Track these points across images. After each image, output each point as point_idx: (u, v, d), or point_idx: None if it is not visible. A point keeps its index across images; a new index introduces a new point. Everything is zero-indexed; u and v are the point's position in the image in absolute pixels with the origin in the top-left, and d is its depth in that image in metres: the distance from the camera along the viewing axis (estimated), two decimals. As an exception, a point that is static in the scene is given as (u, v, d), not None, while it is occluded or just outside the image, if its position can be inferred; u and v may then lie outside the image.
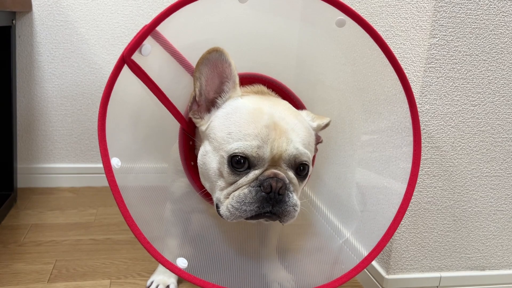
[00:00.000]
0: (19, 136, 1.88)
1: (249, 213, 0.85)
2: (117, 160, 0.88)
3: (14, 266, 1.32)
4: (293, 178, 0.89)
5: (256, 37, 1.06)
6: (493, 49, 1.13)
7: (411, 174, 0.96)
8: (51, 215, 1.68)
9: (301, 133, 0.90)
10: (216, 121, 0.93)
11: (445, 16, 1.08)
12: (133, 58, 0.86)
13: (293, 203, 0.87)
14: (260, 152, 0.85)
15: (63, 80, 1.87)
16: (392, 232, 0.95)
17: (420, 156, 0.96)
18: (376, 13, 1.31)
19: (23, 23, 1.80)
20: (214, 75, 0.94)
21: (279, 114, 0.90)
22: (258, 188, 0.85)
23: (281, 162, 0.87)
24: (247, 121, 0.88)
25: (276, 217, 0.87)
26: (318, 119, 1.00)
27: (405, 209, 0.95)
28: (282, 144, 0.86)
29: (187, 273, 0.89)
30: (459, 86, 1.14)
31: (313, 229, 1.20)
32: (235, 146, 0.86)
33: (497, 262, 1.33)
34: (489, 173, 1.24)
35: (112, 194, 0.85)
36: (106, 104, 0.85)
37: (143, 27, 0.85)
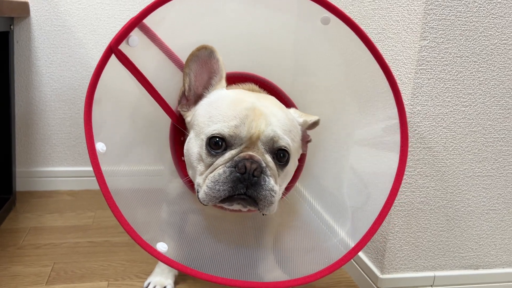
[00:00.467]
0: (18, 140, 1.89)
1: (222, 193, 0.85)
2: (102, 145, 0.90)
3: (12, 268, 1.33)
4: (270, 162, 0.89)
5: (252, 38, 1.08)
6: (483, 51, 1.15)
7: (397, 172, 0.98)
8: (50, 218, 1.69)
9: (282, 120, 0.92)
10: (200, 109, 0.97)
11: (435, 19, 1.09)
12: (123, 51, 0.90)
13: (270, 188, 0.86)
14: (237, 130, 0.87)
15: (61, 84, 1.89)
16: (377, 226, 0.96)
17: (406, 153, 0.98)
18: (368, 15, 1.33)
19: (21, 29, 1.82)
20: (203, 70, 0.98)
21: (262, 103, 0.93)
22: (233, 169, 0.85)
23: (259, 143, 0.88)
24: (227, 105, 0.91)
25: (252, 201, 0.86)
26: (305, 116, 1.02)
27: (391, 203, 0.97)
28: (260, 124, 0.88)
29: (166, 257, 0.90)
30: (450, 88, 1.16)
31: (308, 228, 1.21)
32: (213, 128, 0.88)
33: (491, 261, 1.34)
34: (481, 173, 1.25)
35: (96, 179, 0.87)
36: (93, 91, 0.88)
37: (131, 19, 0.88)
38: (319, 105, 1.14)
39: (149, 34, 0.94)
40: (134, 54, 0.93)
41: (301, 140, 1.03)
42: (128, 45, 0.91)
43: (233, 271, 1.00)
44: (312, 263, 1.00)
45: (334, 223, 1.09)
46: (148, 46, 0.95)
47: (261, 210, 0.88)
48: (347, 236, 1.03)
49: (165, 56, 0.99)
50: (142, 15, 0.89)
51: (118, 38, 0.89)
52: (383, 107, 1.02)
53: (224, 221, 1.14)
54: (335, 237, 1.06)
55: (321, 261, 0.98)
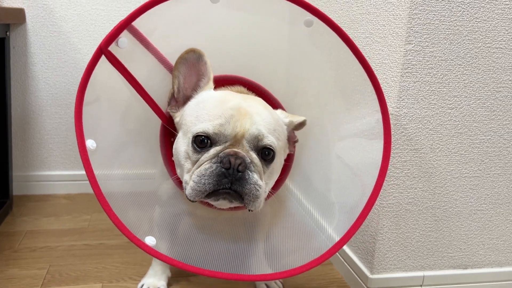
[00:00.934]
0: (15, 145, 1.92)
1: (208, 186, 0.87)
2: (92, 142, 0.93)
3: (8, 271, 1.35)
4: (255, 159, 0.91)
5: (241, 42, 1.11)
6: (468, 54, 1.17)
7: (381, 169, 1.01)
8: (46, 221, 1.71)
9: (267, 119, 0.95)
10: (187, 109, 1.00)
11: (420, 23, 1.12)
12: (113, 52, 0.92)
13: (254, 182, 0.89)
14: (222, 129, 0.90)
15: (57, 89, 1.91)
16: (362, 220, 0.99)
17: (389, 152, 1.01)
18: (357, 20, 1.35)
19: (17, 35, 1.84)
20: (191, 73, 1.02)
21: (248, 103, 0.96)
22: (218, 164, 0.88)
23: (244, 141, 0.91)
24: (213, 105, 0.95)
25: (237, 195, 0.89)
26: (291, 117, 1.04)
27: (374, 198, 1.00)
28: (245, 123, 0.91)
29: (154, 249, 0.93)
30: (435, 90, 1.18)
31: (300, 230, 1.23)
32: (199, 126, 0.91)
33: (479, 260, 1.36)
34: (468, 174, 1.27)
35: (85, 171, 0.90)
36: (83, 91, 0.91)
37: (121, 21, 0.91)
38: (307, 107, 1.16)
39: (138, 36, 0.97)
40: (125, 57, 0.95)
41: (288, 140, 1.05)
42: (118, 46, 0.94)
43: (222, 266, 1.02)
44: (300, 259, 1.02)
45: (322, 220, 1.11)
46: (139, 48, 0.98)
47: (247, 205, 0.90)
48: (334, 232, 1.05)
49: (155, 59, 1.02)
50: (132, 17, 0.92)
51: (108, 40, 0.92)
52: (370, 106, 1.04)
53: (216, 222, 1.16)
54: (323, 233, 1.08)
55: (309, 256, 1.00)
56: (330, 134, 1.14)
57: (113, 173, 1.04)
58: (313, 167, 1.19)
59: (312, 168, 1.19)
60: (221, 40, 1.09)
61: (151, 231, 1.01)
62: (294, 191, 1.24)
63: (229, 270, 0.99)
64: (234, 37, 1.11)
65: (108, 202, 0.92)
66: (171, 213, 1.16)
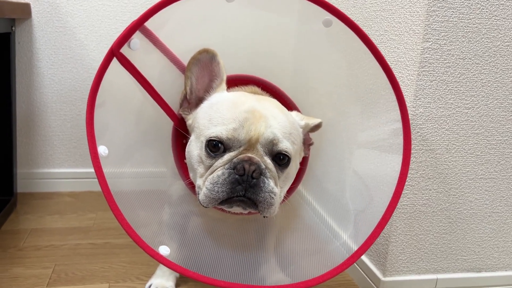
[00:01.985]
0: (19, 141, 1.89)
1: (221, 194, 0.85)
2: (104, 148, 0.90)
3: (13, 270, 1.33)
4: (270, 164, 0.88)
5: (253, 41, 1.08)
6: (486, 53, 1.14)
7: (400, 175, 0.98)
8: (50, 219, 1.69)
9: (282, 122, 0.91)
10: (200, 112, 0.97)
11: (438, 20, 1.09)
12: (125, 54, 0.90)
13: (269, 190, 0.86)
14: (236, 133, 0.87)
15: (62, 85, 1.89)
16: (381, 229, 0.96)
17: (409, 157, 0.98)
18: (371, 17, 1.33)
19: (22, 30, 1.82)
20: (204, 74, 0.99)
21: (262, 105, 0.92)
22: (232, 171, 0.85)
23: (258, 146, 0.88)
24: (227, 108, 0.91)
25: (251, 203, 0.86)
26: (307, 119, 1.01)
27: (393, 207, 0.97)
28: (259, 127, 0.87)
29: (168, 260, 0.90)
30: (452, 89, 1.15)
31: (310, 232, 1.21)
32: (212, 131, 0.88)
33: (493, 264, 1.34)
34: (484, 175, 1.25)
35: (98, 182, 0.87)
36: (95, 94, 0.88)
37: (132, 22, 0.88)
38: (321, 108, 1.14)
39: (151, 37, 0.94)
40: (136, 57, 0.93)
41: (303, 143, 1.03)
42: (130, 48, 0.91)
43: (234, 274, 1.00)
44: (314, 267, 0.99)
45: (337, 226, 1.08)
46: (150, 49, 0.95)
47: (261, 212, 0.88)
48: (349, 239, 1.02)
49: (167, 59, 0.99)
50: (144, 18, 0.89)
51: (120, 41, 0.89)
52: (386, 109, 1.02)
53: (226, 223, 1.14)
54: (338, 240, 1.05)
55: (324, 265, 0.97)
56: (345, 137, 1.11)
57: (124, 173, 1.02)
58: (327, 170, 1.16)
59: (326, 171, 1.17)
60: (232, 39, 1.07)
61: (164, 238, 0.99)
62: (306, 195, 1.21)
63: (242, 278, 0.97)
64: (246, 36, 1.08)
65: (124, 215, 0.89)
66: (181, 214, 1.14)
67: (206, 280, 0.90)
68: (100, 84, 0.89)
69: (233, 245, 1.12)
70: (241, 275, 1.02)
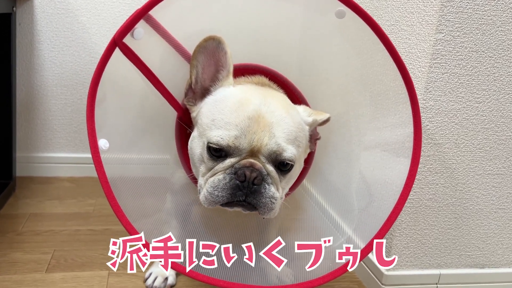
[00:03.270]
0: (19, 125, 1.86)
1: (221, 199, 0.84)
2: (105, 141, 0.89)
3: (12, 255, 1.31)
4: (272, 171, 0.87)
5: (259, 29, 1.04)
6: (500, 46, 1.12)
7: (409, 174, 0.95)
8: (50, 204, 1.67)
9: (287, 128, 0.88)
10: (204, 108, 0.94)
11: (452, 11, 1.06)
12: (127, 43, 0.87)
13: (270, 195, 0.85)
14: (237, 142, 0.84)
15: (64, 69, 1.86)
16: (388, 228, 0.94)
17: (419, 156, 0.95)
18: (381, 7, 1.29)
19: (23, 11, 1.78)
20: (210, 63, 0.94)
21: (267, 106, 0.88)
22: (233, 176, 0.84)
23: (260, 155, 0.86)
24: (231, 109, 0.88)
25: (252, 207, 0.86)
26: (315, 114, 0.98)
27: (401, 206, 0.95)
28: (263, 138, 0.85)
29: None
30: (464, 83, 1.13)
31: (313, 223, 1.20)
32: (214, 134, 0.86)
33: (497, 260, 1.33)
34: (492, 171, 1.23)
35: (96, 171, 0.86)
36: (96, 85, 0.86)
37: (136, 11, 0.85)
38: (329, 98, 1.11)
39: (154, 25, 0.90)
40: (140, 46, 0.90)
41: (310, 138, 1.00)
42: (133, 38, 0.88)
43: (235, 267, 0.98)
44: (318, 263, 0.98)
45: (341, 221, 1.07)
46: (154, 37, 0.92)
47: (261, 214, 0.87)
48: (354, 235, 1.01)
49: (171, 48, 0.96)
50: (148, 6, 0.86)
51: (123, 31, 0.86)
52: (396, 105, 0.99)
53: (227, 214, 1.12)
54: (342, 236, 1.04)
55: (328, 260, 0.95)
56: (354, 129, 1.09)
57: (126, 160, 1.01)
58: (333, 164, 1.14)
59: (332, 165, 1.15)
60: (237, 26, 1.03)
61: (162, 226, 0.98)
62: (310, 189, 1.19)
63: (244, 271, 0.95)
64: (252, 23, 1.05)
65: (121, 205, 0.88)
66: (183, 202, 1.12)
67: (206, 279, 0.89)
68: (102, 76, 0.86)
69: (234, 235, 1.10)
70: (242, 268, 1.01)
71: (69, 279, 1.23)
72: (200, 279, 0.89)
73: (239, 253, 1.06)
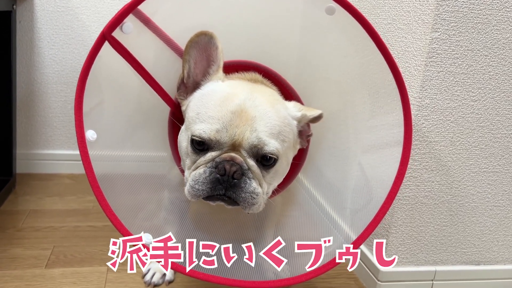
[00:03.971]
0: (19, 122, 1.88)
1: (201, 192, 0.85)
2: (92, 133, 0.89)
3: (12, 251, 1.33)
4: (253, 166, 0.87)
5: (257, 25, 1.05)
6: (495, 45, 1.13)
7: (398, 170, 0.97)
8: (49, 201, 1.68)
9: (270, 122, 0.88)
10: (192, 101, 0.95)
11: (448, 10, 1.07)
12: (119, 37, 0.88)
13: (251, 190, 0.86)
14: (218, 136, 0.85)
15: (63, 66, 1.87)
16: (377, 222, 0.96)
17: (408, 155, 0.96)
18: (378, 5, 1.30)
19: (23, 8, 1.79)
20: (202, 57, 0.96)
21: (252, 101, 0.88)
22: (213, 170, 0.85)
23: (241, 149, 0.86)
24: (215, 103, 0.89)
25: (232, 201, 0.86)
26: (305, 110, 0.97)
27: (391, 201, 0.96)
28: (244, 131, 0.85)
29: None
30: (459, 81, 1.14)
31: (309, 219, 1.21)
32: (197, 127, 0.87)
33: (493, 257, 1.34)
34: (487, 169, 1.24)
35: (83, 164, 0.88)
36: (85, 78, 0.87)
37: (125, 5, 0.86)
38: (327, 97, 1.12)
39: (144, 19, 0.91)
40: (131, 42, 0.90)
41: (301, 135, 1.00)
42: (123, 32, 0.89)
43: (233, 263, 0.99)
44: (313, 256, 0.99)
45: (337, 217, 1.08)
46: (145, 33, 0.93)
47: (244, 210, 0.88)
48: (349, 229, 1.02)
49: (162, 43, 0.97)
50: (137, 1, 0.87)
51: (111, 25, 0.87)
52: (391, 104, 1.00)
53: (225, 211, 1.13)
54: (337, 229, 1.05)
55: (323, 255, 0.97)
56: (349, 125, 1.10)
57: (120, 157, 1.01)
58: (328, 159, 1.15)
59: (327, 160, 1.16)
60: (233, 22, 1.04)
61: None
62: (306, 184, 1.20)
63: (241, 268, 0.96)
64: (249, 18, 1.05)
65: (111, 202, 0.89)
66: (180, 199, 1.13)
67: (202, 276, 0.90)
68: (91, 69, 0.87)
69: (231, 231, 1.11)
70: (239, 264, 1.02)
71: (68, 274, 1.24)
72: (198, 277, 0.90)
73: (237, 250, 1.07)
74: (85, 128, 0.89)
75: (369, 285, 1.30)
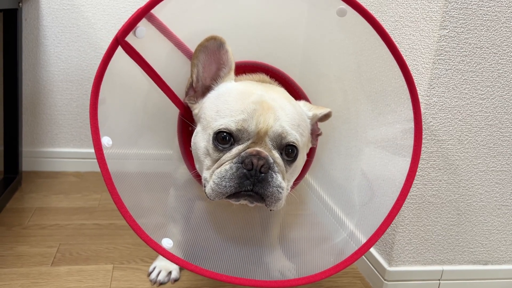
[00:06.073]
0: (25, 120, 1.88)
1: (229, 189, 0.83)
2: (108, 139, 0.89)
3: (18, 248, 1.33)
4: (278, 158, 0.87)
5: (263, 26, 1.05)
6: (504, 42, 1.11)
7: (409, 170, 0.95)
8: (55, 199, 1.69)
9: (290, 114, 0.89)
10: (207, 102, 0.94)
11: (456, 7, 1.06)
12: (130, 41, 0.87)
13: (277, 184, 0.85)
14: (245, 124, 0.85)
15: (69, 64, 1.87)
16: (389, 222, 0.94)
17: (419, 153, 0.95)
18: (386, 2, 1.29)
19: (29, 6, 1.79)
20: (211, 61, 0.95)
21: (269, 95, 0.90)
22: (240, 165, 0.83)
23: (267, 139, 0.86)
24: (235, 98, 0.89)
25: (259, 197, 0.85)
26: (315, 109, 0.98)
27: (402, 201, 0.95)
28: (268, 119, 0.85)
29: (171, 253, 0.89)
30: (468, 79, 1.13)
31: (315, 218, 1.20)
32: (220, 122, 0.86)
33: (500, 256, 1.33)
34: (495, 168, 1.23)
35: (100, 169, 0.87)
36: (99, 84, 0.86)
37: (138, 9, 0.85)
38: (330, 95, 1.11)
39: (156, 24, 0.91)
40: (142, 45, 0.90)
41: (311, 133, 1.01)
42: (135, 36, 0.88)
43: (238, 261, 0.99)
44: (321, 257, 0.98)
45: (343, 216, 1.07)
46: (156, 36, 0.92)
47: (268, 206, 0.87)
48: (356, 229, 1.01)
49: (173, 46, 0.96)
50: (150, 5, 0.86)
51: (125, 30, 0.86)
52: (398, 102, 0.99)
53: (230, 209, 1.13)
54: (344, 230, 1.04)
55: (331, 256, 0.96)
56: (355, 124, 1.09)
57: (129, 155, 1.01)
58: (334, 158, 1.14)
59: (333, 159, 1.15)
60: (239, 24, 1.03)
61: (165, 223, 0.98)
62: (312, 183, 1.20)
63: (247, 267, 0.96)
64: (254, 20, 1.05)
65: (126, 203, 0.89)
66: (186, 197, 1.13)
67: (208, 274, 0.90)
68: (104, 75, 0.87)
69: (237, 231, 1.11)
70: (245, 262, 1.01)
71: (74, 272, 1.24)
72: (204, 274, 0.90)
73: (243, 248, 1.07)
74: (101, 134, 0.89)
75: (375, 284, 1.29)
